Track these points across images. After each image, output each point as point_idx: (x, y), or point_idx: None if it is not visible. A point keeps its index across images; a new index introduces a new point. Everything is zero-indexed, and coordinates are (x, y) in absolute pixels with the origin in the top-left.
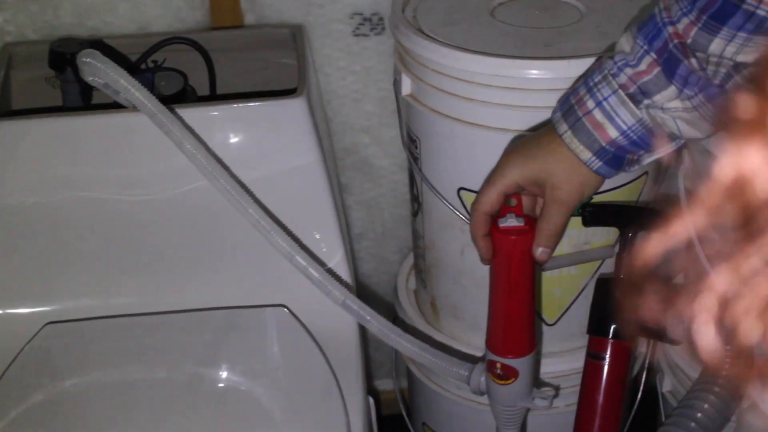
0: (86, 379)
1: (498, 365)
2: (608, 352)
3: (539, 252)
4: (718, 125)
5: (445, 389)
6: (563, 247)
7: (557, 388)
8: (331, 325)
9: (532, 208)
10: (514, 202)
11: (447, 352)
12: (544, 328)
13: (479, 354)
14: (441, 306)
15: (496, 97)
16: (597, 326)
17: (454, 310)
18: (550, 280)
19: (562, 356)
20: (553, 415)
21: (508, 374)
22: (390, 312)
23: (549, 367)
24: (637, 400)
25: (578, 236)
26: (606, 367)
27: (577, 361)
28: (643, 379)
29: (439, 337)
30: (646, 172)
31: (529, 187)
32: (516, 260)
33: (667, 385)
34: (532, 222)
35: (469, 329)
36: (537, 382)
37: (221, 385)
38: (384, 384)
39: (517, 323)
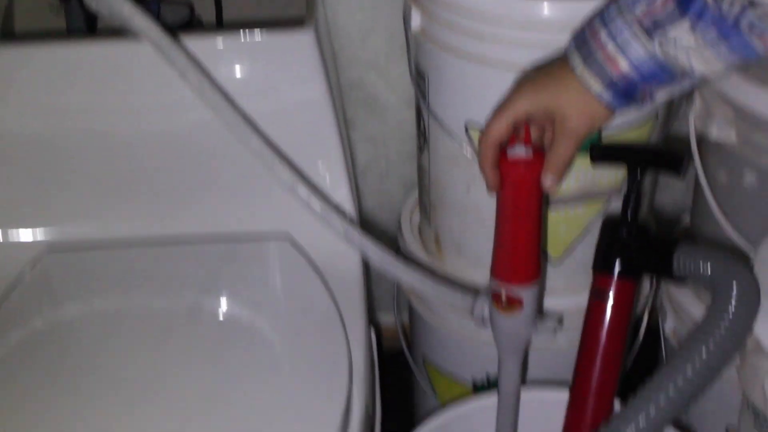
0: (86, 308)
1: (502, 294)
2: (612, 290)
3: (547, 182)
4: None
5: (446, 324)
6: (571, 186)
7: (560, 319)
8: (333, 258)
9: (540, 140)
10: (522, 132)
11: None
12: (549, 266)
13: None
14: (445, 242)
15: (507, 34)
16: (602, 264)
17: (457, 247)
18: (556, 218)
19: (566, 294)
20: (555, 353)
21: (512, 303)
22: (393, 247)
23: (553, 304)
24: (639, 341)
25: (586, 175)
26: (610, 305)
27: (581, 300)
28: (646, 320)
29: (442, 273)
30: (656, 114)
31: (539, 117)
32: (524, 190)
33: (669, 326)
34: (540, 152)
35: (473, 266)
36: (541, 314)
37: (222, 315)
38: (385, 319)
39: (522, 252)
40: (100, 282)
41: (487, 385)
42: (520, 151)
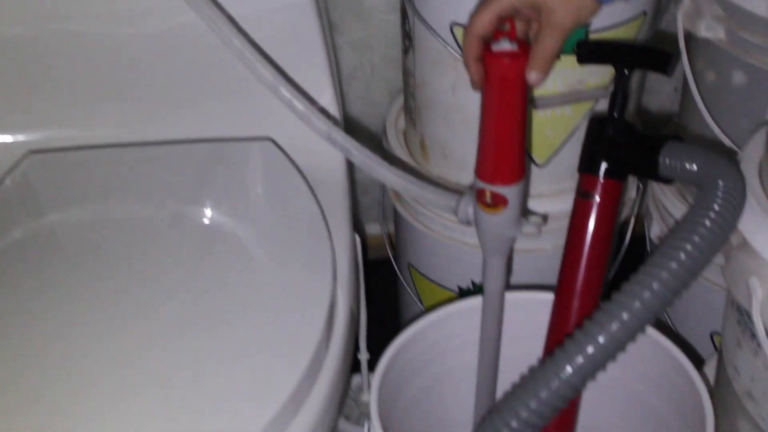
0: (67, 214)
1: (487, 193)
2: (598, 191)
3: (532, 76)
4: None
5: (431, 229)
6: (557, 87)
7: (545, 217)
8: (317, 163)
9: (526, 35)
10: (507, 26)
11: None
12: (534, 169)
13: None
14: (430, 146)
15: None
16: (588, 164)
17: (443, 150)
18: (542, 120)
19: (551, 198)
20: (541, 257)
21: (497, 202)
22: (379, 153)
23: (537, 207)
24: (625, 246)
25: (572, 75)
26: (595, 206)
27: (566, 203)
28: (631, 225)
29: (428, 177)
30: (644, 12)
31: (525, 10)
32: (508, 84)
33: (655, 231)
34: (525, 46)
35: (459, 169)
36: (525, 213)
37: (205, 221)
38: (371, 230)
39: (507, 150)
40: (81, 186)
41: (473, 291)
42: (505, 46)
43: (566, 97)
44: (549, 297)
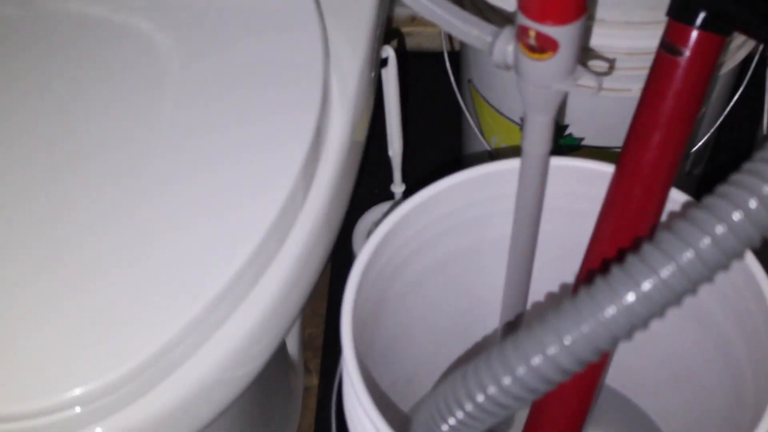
0: None
1: (531, 32)
2: (690, 46)
3: None
4: None
5: None
6: None
7: (611, 64)
8: None
9: None
10: None
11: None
12: None
13: None
14: None
15: None
16: (680, 6)
17: None
18: None
19: (639, 28)
20: (599, 98)
21: (545, 46)
22: None
23: (603, 44)
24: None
25: None
26: (683, 66)
27: (643, 43)
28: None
29: None
30: None
31: None
32: None
33: None
34: None
35: None
36: (583, 56)
37: None
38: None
39: None
40: None
41: None
42: None
43: None
44: (608, 170)
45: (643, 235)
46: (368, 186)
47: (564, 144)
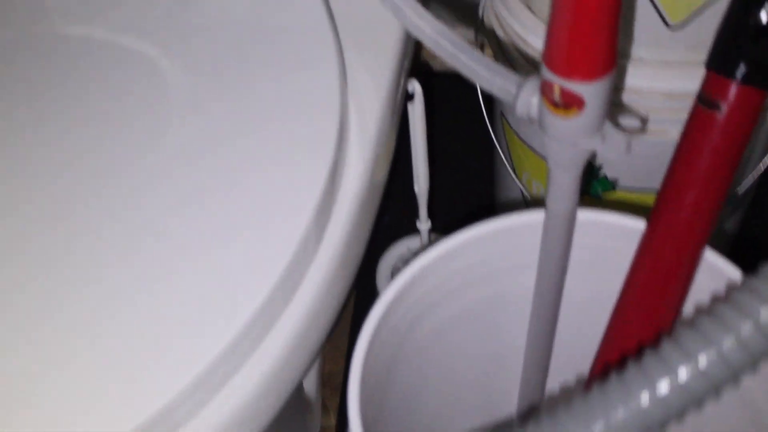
0: None
1: (556, 88)
2: (729, 100)
3: None
4: None
5: None
6: None
7: (644, 122)
8: None
9: None
10: None
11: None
12: (663, 30)
13: None
14: None
15: None
16: (720, 59)
17: None
18: None
19: (682, 69)
20: (656, 145)
21: (570, 103)
22: None
23: (639, 81)
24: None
25: None
26: (721, 122)
27: (687, 81)
28: None
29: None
30: None
31: None
32: None
33: None
34: None
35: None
36: (615, 109)
37: None
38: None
39: (590, 26)
40: None
41: None
42: None
43: None
44: (639, 226)
45: (673, 299)
46: (396, 215)
47: (598, 186)
